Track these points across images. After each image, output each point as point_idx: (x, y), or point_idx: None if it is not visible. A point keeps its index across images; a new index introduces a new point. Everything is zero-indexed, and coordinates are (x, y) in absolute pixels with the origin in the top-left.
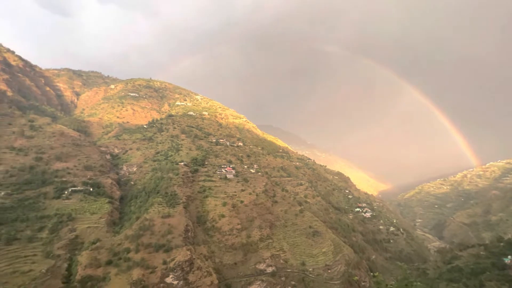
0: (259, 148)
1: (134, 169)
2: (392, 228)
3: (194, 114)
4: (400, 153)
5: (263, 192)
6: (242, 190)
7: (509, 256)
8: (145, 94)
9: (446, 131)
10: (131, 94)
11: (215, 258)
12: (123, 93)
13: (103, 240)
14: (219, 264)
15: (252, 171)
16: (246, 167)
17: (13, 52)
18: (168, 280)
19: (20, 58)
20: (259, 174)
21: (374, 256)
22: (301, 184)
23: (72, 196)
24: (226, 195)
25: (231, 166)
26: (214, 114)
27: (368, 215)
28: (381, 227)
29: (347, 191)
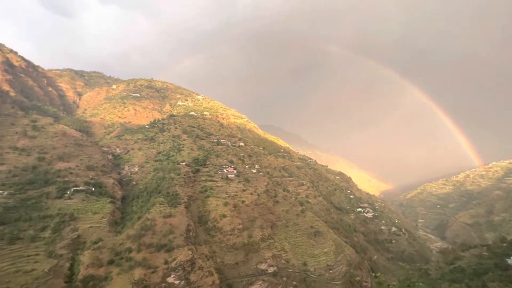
0: (261, 148)
1: (136, 169)
2: (394, 229)
3: (195, 114)
4: (402, 153)
5: (265, 192)
6: (244, 190)
7: None
8: (146, 94)
9: (448, 131)
10: (133, 94)
11: (216, 258)
12: (125, 93)
13: (105, 240)
14: (220, 264)
15: (254, 171)
16: (247, 167)
17: (15, 53)
18: (170, 279)
19: (22, 59)
20: (261, 174)
21: (375, 257)
22: (302, 184)
23: (74, 196)
24: (227, 195)
25: (232, 166)
26: (215, 114)
27: (369, 215)
28: (383, 227)
29: (349, 191)
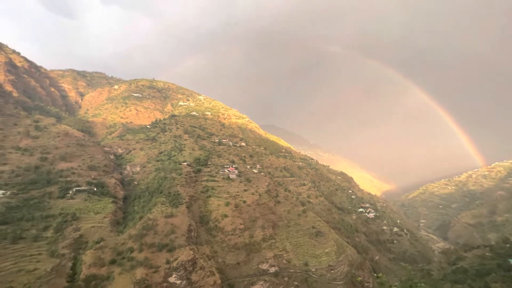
0: (262, 148)
1: (138, 169)
2: (395, 229)
3: (197, 114)
4: (403, 153)
5: (266, 192)
6: (245, 190)
7: None
8: (148, 95)
9: (450, 130)
10: (135, 95)
11: (218, 258)
12: (127, 93)
13: (107, 240)
14: (222, 264)
15: (255, 171)
16: (248, 167)
17: (18, 53)
18: (171, 279)
19: (25, 59)
20: (262, 174)
21: (377, 257)
22: (304, 184)
23: (77, 196)
24: (229, 195)
25: (233, 166)
26: (216, 114)
27: (371, 215)
28: (384, 227)
29: (350, 191)
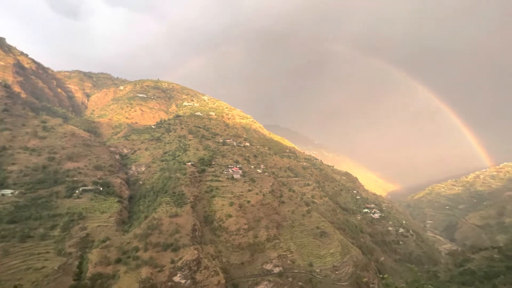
0: (266, 148)
1: (143, 169)
2: (401, 230)
3: (201, 115)
4: (409, 153)
5: (270, 192)
6: (249, 190)
7: None
8: (153, 95)
9: (457, 130)
10: (140, 95)
11: (222, 257)
12: (132, 94)
13: (112, 239)
14: (226, 264)
15: (259, 171)
16: (253, 167)
17: (26, 55)
18: (176, 279)
19: (33, 61)
20: (266, 174)
21: (383, 258)
22: (308, 185)
23: (83, 195)
24: (233, 195)
25: (238, 166)
26: (221, 114)
27: (376, 216)
28: (390, 228)
29: (355, 191)
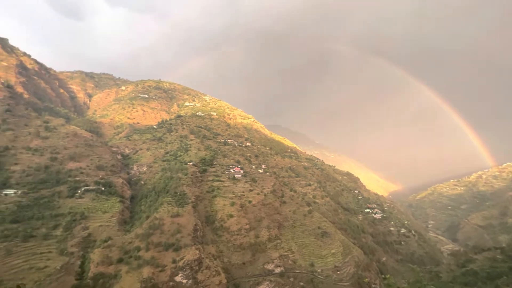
0: (267, 148)
1: (144, 169)
2: (403, 230)
3: (202, 115)
4: (411, 152)
5: (271, 192)
6: (250, 190)
7: None
8: (154, 95)
9: (459, 130)
10: (141, 95)
11: (223, 257)
12: (133, 94)
13: (114, 239)
14: (227, 264)
15: (260, 171)
16: (254, 167)
17: (29, 56)
18: (178, 278)
19: (35, 62)
20: (267, 174)
21: (384, 258)
22: (309, 185)
23: (85, 195)
24: (234, 195)
25: (239, 166)
26: (222, 114)
27: (378, 216)
28: (391, 228)
29: (357, 191)
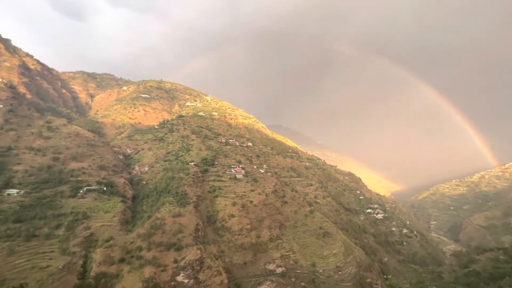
0: (269, 148)
1: (146, 169)
2: (405, 230)
3: (204, 115)
4: (413, 152)
5: (273, 192)
6: (252, 190)
7: None
8: (156, 95)
9: (462, 129)
10: (143, 96)
11: (225, 257)
12: (135, 94)
13: (116, 238)
14: (229, 264)
15: (262, 171)
16: (255, 167)
17: (31, 56)
18: (179, 278)
19: (38, 62)
20: (269, 174)
21: (386, 259)
22: (311, 185)
23: (87, 195)
24: (235, 195)
25: (240, 166)
26: (223, 114)
27: (380, 216)
28: (393, 228)
29: (358, 191)
